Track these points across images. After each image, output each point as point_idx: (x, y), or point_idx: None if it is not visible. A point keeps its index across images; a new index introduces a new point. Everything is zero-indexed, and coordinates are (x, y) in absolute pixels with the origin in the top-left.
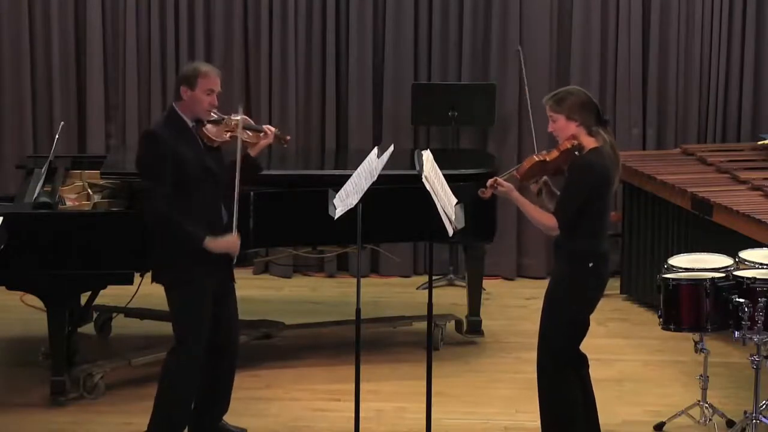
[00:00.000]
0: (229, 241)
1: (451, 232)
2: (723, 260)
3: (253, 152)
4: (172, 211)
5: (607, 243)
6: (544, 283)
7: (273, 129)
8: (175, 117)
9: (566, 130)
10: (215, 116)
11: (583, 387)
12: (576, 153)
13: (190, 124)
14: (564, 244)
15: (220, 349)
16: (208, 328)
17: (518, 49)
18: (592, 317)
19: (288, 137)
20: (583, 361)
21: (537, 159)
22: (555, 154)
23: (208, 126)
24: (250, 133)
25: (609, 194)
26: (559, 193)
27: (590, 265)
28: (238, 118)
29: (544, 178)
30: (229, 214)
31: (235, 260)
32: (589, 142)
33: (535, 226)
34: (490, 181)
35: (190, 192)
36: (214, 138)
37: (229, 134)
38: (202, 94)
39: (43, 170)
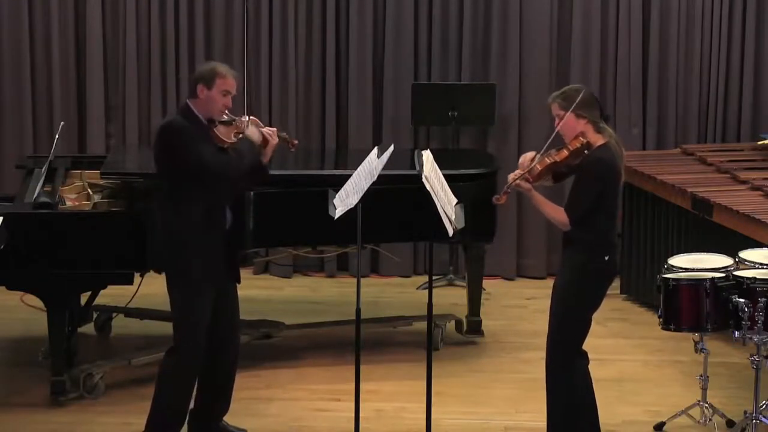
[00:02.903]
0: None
1: (451, 232)
2: (723, 260)
3: (264, 158)
4: (225, 160)
5: (615, 236)
6: (544, 283)
7: (274, 130)
8: (191, 114)
9: (575, 127)
10: (227, 117)
11: (585, 383)
12: (585, 151)
13: (204, 122)
14: (577, 237)
15: (220, 349)
16: (209, 329)
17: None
18: (593, 317)
19: (296, 141)
20: (584, 357)
21: (548, 161)
22: (565, 153)
23: (220, 127)
24: (259, 135)
25: (619, 188)
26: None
27: (606, 257)
28: (247, 119)
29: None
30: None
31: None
32: (597, 139)
33: (535, 227)
34: (510, 180)
35: (200, 189)
36: (224, 139)
37: (239, 136)
38: (218, 94)
39: (43, 170)
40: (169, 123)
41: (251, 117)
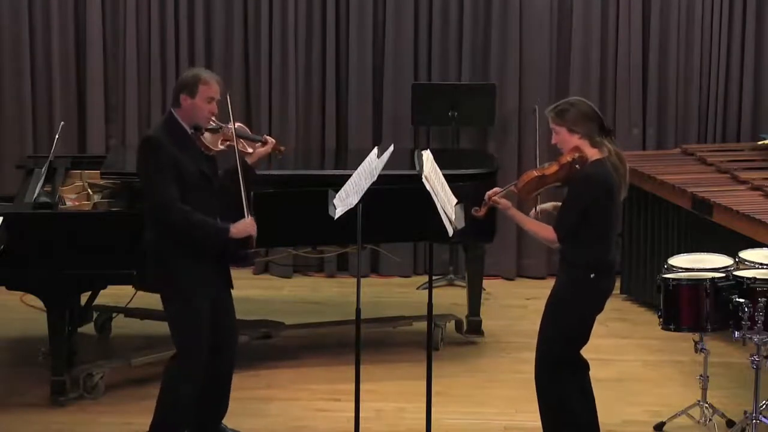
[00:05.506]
0: (247, 223)
1: (451, 232)
2: (723, 260)
3: (250, 160)
4: (189, 213)
5: (613, 253)
6: (544, 283)
7: (271, 138)
8: (174, 123)
9: (569, 142)
10: (213, 124)
11: (582, 392)
12: (577, 166)
13: (189, 131)
14: (566, 253)
15: (219, 355)
16: (207, 337)
17: (535, 108)
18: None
19: (283, 148)
20: (582, 366)
21: (535, 174)
22: (554, 167)
23: (206, 135)
24: (246, 142)
25: (612, 205)
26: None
27: (591, 276)
28: (233, 126)
29: (544, 206)
30: (227, 215)
31: (251, 247)
32: (593, 154)
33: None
34: (486, 197)
35: (187, 199)
36: (211, 147)
37: (225, 143)
38: (202, 102)
39: (43, 170)
40: (148, 140)
41: (238, 124)
